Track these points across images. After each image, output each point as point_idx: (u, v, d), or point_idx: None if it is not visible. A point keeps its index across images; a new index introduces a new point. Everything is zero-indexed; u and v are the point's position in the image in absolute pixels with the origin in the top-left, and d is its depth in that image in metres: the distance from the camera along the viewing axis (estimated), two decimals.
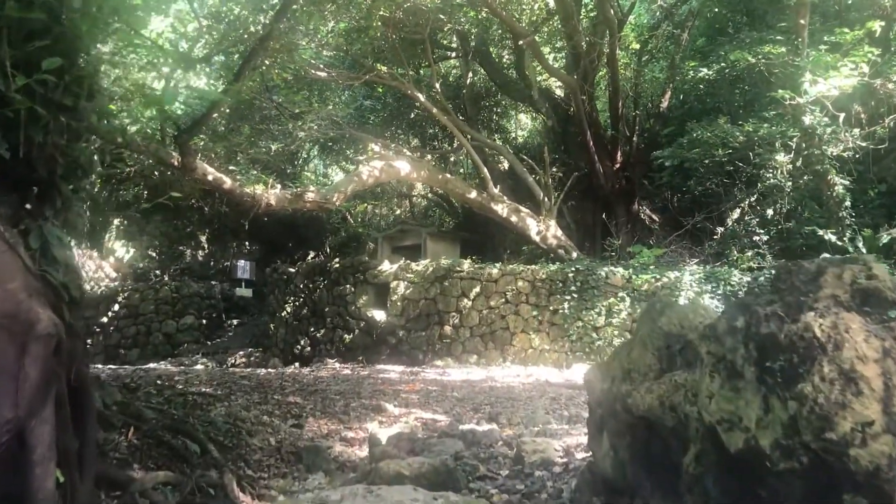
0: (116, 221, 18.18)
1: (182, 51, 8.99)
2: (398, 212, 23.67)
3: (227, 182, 10.71)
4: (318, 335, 14.16)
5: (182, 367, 11.80)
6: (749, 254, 11.82)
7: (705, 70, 14.17)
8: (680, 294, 11.06)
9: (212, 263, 19.54)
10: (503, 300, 12.16)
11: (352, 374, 7.03)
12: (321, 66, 13.90)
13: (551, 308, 11.72)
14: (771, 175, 12.87)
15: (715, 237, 13.50)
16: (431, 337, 12.59)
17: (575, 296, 11.58)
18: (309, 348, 14.23)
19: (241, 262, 19.31)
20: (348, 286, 13.89)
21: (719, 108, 14.68)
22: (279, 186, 11.08)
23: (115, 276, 17.87)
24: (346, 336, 13.67)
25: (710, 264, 12.42)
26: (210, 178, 10.50)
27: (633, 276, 11.40)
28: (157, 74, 9.35)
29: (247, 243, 20.19)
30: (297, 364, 13.96)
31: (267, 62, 12.04)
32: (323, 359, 13.60)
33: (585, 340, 11.37)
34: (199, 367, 14.10)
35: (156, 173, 14.18)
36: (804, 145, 12.20)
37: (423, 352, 12.62)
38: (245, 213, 11.65)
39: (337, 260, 14.55)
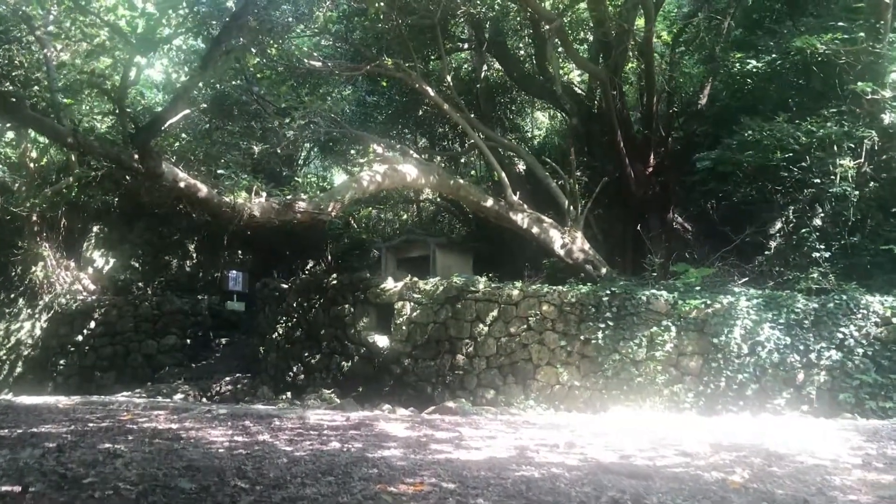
0: (96, 228, 16.60)
1: (140, 31, 7.37)
2: (405, 216, 21.95)
3: (203, 190, 9.07)
4: (312, 361, 12.51)
5: (152, 400, 10.17)
6: (815, 274, 10.03)
7: (753, 62, 12.46)
8: (735, 324, 9.33)
9: (200, 274, 17.92)
10: (525, 327, 10.47)
11: (340, 452, 5.36)
12: (316, 55, 12.24)
13: (582, 337, 10.01)
14: (829, 181, 11.12)
15: (767, 252, 11.75)
16: (442, 367, 10.92)
17: (610, 323, 9.87)
18: (302, 376, 12.58)
19: (233, 273, 17.71)
20: (347, 306, 12.25)
21: (755, 108, 12.89)
22: (265, 195, 9.43)
23: (93, 289, 16.27)
24: (344, 363, 12.02)
25: (763, 286, 10.68)
26: (182, 185, 8.88)
27: (680, 302, 9.68)
28: (111, 60, 7.76)
29: (240, 252, 18.56)
30: (288, 394, 12.33)
31: (253, 49, 10.44)
32: (318, 389, 11.96)
33: (623, 377, 9.66)
34: (178, 396, 12.52)
35: (127, 178, 12.56)
36: (877, 148, 10.49)
37: (431, 384, 10.95)
38: (226, 225, 10.00)
39: (335, 276, 12.89)
